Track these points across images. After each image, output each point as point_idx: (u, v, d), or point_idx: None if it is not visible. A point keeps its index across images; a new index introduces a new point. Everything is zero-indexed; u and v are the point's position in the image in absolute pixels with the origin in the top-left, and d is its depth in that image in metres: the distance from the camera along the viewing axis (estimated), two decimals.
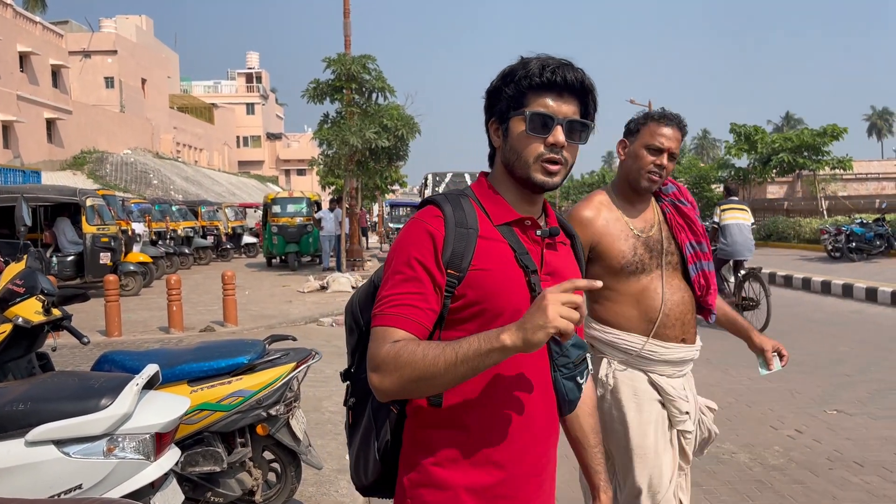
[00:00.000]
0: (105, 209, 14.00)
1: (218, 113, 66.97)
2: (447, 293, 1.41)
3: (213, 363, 3.52)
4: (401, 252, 1.44)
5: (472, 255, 1.42)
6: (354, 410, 1.60)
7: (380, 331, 1.38)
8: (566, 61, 1.46)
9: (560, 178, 1.48)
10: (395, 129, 15.81)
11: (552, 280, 1.47)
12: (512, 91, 1.47)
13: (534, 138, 1.45)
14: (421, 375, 1.30)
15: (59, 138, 37.95)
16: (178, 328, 9.49)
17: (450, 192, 1.54)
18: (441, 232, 1.42)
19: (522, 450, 1.44)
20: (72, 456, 2.56)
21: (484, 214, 1.49)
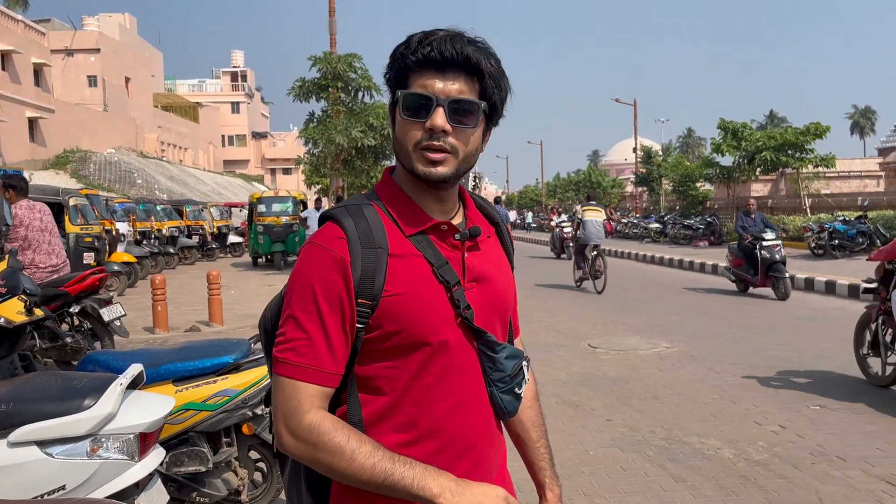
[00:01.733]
0: (88, 209, 13.87)
1: (203, 112, 66.57)
2: (360, 324, 1.25)
3: (197, 363, 3.51)
4: (302, 285, 1.26)
5: (385, 279, 1.25)
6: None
7: (288, 384, 1.24)
8: (454, 33, 1.26)
9: (448, 169, 1.26)
10: (381, 128, 15.79)
11: (478, 287, 1.33)
12: (394, 72, 1.29)
13: (412, 124, 1.26)
14: (336, 470, 1.21)
15: (42, 137, 37.59)
16: (163, 328, 9.43)
17: (351, 200, 1.35)
18: (345, 256, 1.24)
19: (463, 476, 1.29)
20: (55, 457, 2.54)
21: (393, 224, 1.30)
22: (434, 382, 1.29)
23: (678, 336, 8.66)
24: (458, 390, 1.31)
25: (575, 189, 53.09)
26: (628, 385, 6.39)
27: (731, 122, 25.38)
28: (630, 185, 47.44)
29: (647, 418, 5.40)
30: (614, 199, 48.12)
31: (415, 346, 1.27)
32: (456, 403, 1.31)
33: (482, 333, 1.32)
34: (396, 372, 1.29)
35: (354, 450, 1.20)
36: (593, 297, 12.51)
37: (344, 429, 1.23)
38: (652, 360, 7.45)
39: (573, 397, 5.92)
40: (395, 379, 1.29)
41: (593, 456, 4.63)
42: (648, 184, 38.10)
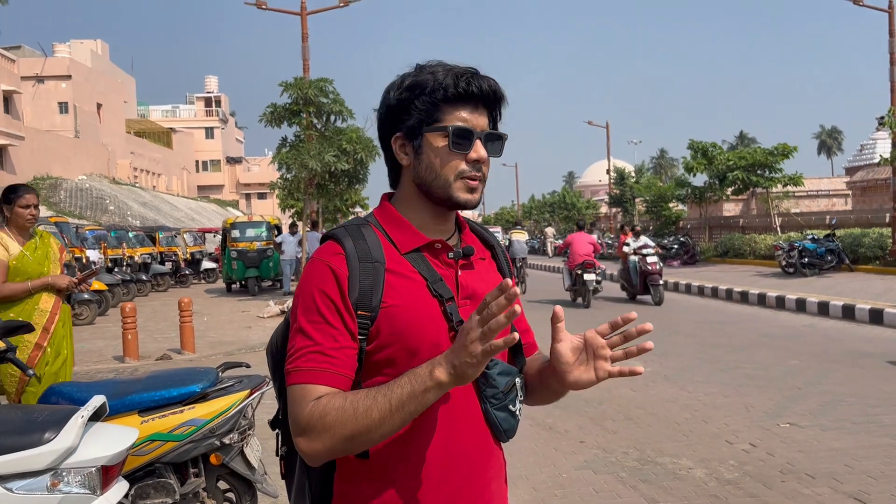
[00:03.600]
0: (59, 237, 13.71)
1: (176, 137, 66.21)
2: (361, 336, 1.31)
3: (164, 392, 3.46)
4: (305, 298, 1.32)
5: (382, 292, 1.31)
6: (287, 460, 1.48)
7: (297, 390, 1.27)
8: (474, 70, 1.37)
9: (480, 195, 1.39)
10: (354, 153, 15.81)
11: (472, 305, 1.37)
12: (424, 104, 1.35)
13: (455, 155, 1.35)
14: (354, 432, 1.22)
15: (12, 165, 37.12)
16: (134, 357, 9.29)
17: (350, 222, 1.43)
18: (344, 270, 1.31)
19: (457, 491, 1.34)
20: (14, 492, 2.49)
21: (389, 243, 1.37)
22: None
23: (651, 356, 8.72)
24: (451, 405, 1.33)
25: (550, 210, 53.48)
26: (601, 406, 6.41)
27: (700, 142, 25.81)
28: (604, 206, 47.89)
29: (621, 439, 5.42)
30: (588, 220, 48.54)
31: (408, 358, 1.31)
32: (449, 419, 1.33)
33: None
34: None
35: (353, 402, 1.22)
36: (568, 318, 12.54)
37: (339, 395, 1.26)
38: (625, 380, 7.49)
39: (547, 419, 5.93)
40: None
41: (567, 478, 4.63)
42: (622, 204, 38.48)
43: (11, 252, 4.22)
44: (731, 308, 13.43)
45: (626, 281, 15.73)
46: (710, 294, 16.05)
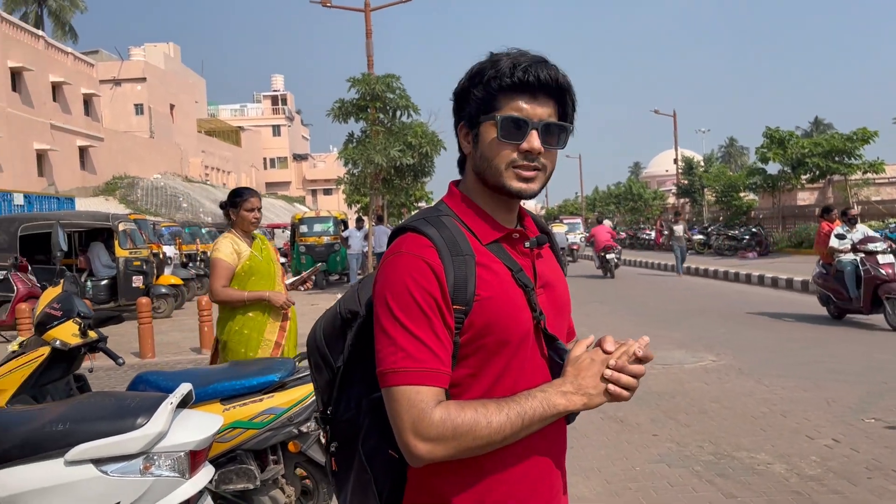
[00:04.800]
0: (137, 233, 14.28)
1: (245, 135, 67.93)
2: (455, 329, 1.29)
3: (244, 381, 3.57)
4: (400, 293, 1.27)
5: (474, 284, 1.29)
6: (338, 456, 1.45)
7: (408, 392, 1.24)
8: (540, 58, 1.34)
9: (538, 185, 1.36)
10: (419, 147, 15.92)
11: (546, 292, 1.40)
12: (481, 93, 1.34)
13: (506, 145, 1.33)
14: (483, 444, 1.25)
15: (92, 165, 38.78)
16: (209, 348, 9.58)
17: (425, 212, 1.39)
18: (438, 263, 1.28)
19: (537, 480, 1.35)
20: (110, 474, 2.61)
21: (470, 234, 1.35)
22: (512, 386, 1.32)
23: (724, 349, 8.51)
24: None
25: (615, 202, 52.61)
26: (674, 399, 6.29)
27: (776, 129, 24.94)
28: (672, 197, 46.83)
29: (695, 433, 5.31)
30: (656, 212, 47.54)
31: (497, 349, 1.32)
32: None
33: (553, 339, 1.37)
34: (476, 379, 1.33)
35: (486, 415, 1.24)
36: (636, 310, 12.37)
37: (465, 405, 1.27)
38: (698, 373, 7.33)
39: (618, 412, 5.85)
40: (473, 386, 1.33)
41: (640, 471, 4.57)
42: (690, 195, 37.59)
43: (243, 254, 4.26)
44: (806, 300, 12.95)
45: (832, 292, 10.35)
46: (785, 286, 15.52)
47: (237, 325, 4.21)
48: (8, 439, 2.63)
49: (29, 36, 33.30)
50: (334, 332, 1.44)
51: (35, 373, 3.59)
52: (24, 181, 29.17)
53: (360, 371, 1.38)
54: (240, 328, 4.19)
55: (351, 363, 1.40)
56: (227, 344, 4.21)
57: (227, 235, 4.32)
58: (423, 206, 40.37)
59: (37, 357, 3.59)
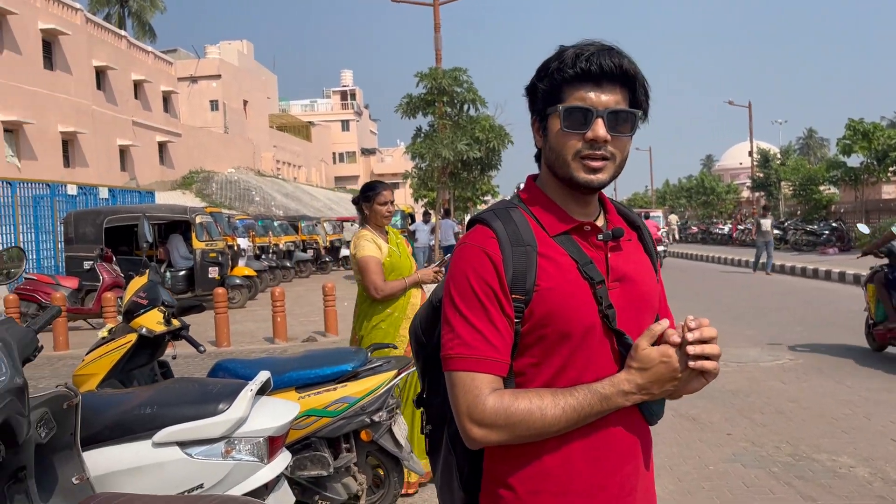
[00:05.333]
0: (213, 226, 14.75)
1: (315, 131, 69.20)
2: (516, 318, 1.32)
3: (319, 370, 3.66)
4: (461, 282, 1.33)
5: (535, 275, 1.31)
6: (432, 437, 1.52)
7: (464, 378, 1.29)
8: (606, 46, 1.33)
9: (607, 175, 1.34)
10: (486, 140, 15.91)
11: (622, 287, 1.37)
12: (546, 85, 1.35)
13: (571, 135, 1.32)
14: (537, 433, 1.28)
15: (170, 160, 40.21)
16: (282, 338, 9.86)
17: (498, 204, 1.43)
18: (498, 254, 1.31)
19: (609, 473, 1.35)
20: (194, 457, 2.73)
21: (538, 225, 1.37)
22: (577, 378, 1.32)
23: (802, 347, 8.21)
24: None
25: (687, 195, 51.35)
26: (749, 398, 6.12)
27: (860, 121, 23.83)
28: (746, 191, 45.39)
29: (771, 433, 5.15)
30: (729, 206, 46.18)
31: (559, 340, 1.32)
32: None
33: (621, 335, 1.34)
34: (539, 369, 1.34)
35: (541, 407, 1.27)
36: (709, 305, 12.06)
37: (520, 394, 1.30)
38: (774, 372, 7.10)
39: (690, 410, 5.73)
40: (537, 376, 1.34)
41: (713, 471, 4.46)
42: (766, 188, 36.36)
43: (383, 250, 4.16)
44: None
45: None
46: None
47: (375, 321, 4.19)
48: (100, 421, 2.77)
49: (113, 36, 34.73)
50: (429, 320, 1.50)
51: (123, 358, 3.76)
52: (108, 176, 30.50)
53: None
54: (377, 324, 4.18)
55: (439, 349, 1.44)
56: (363, 339, 4.22)
57: (364, 233, 4.17)
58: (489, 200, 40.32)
59: (124, 343, 3.76)
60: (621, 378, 1.29)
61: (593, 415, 1.29)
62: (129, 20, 44.56)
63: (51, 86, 28.08)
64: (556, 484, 1.33)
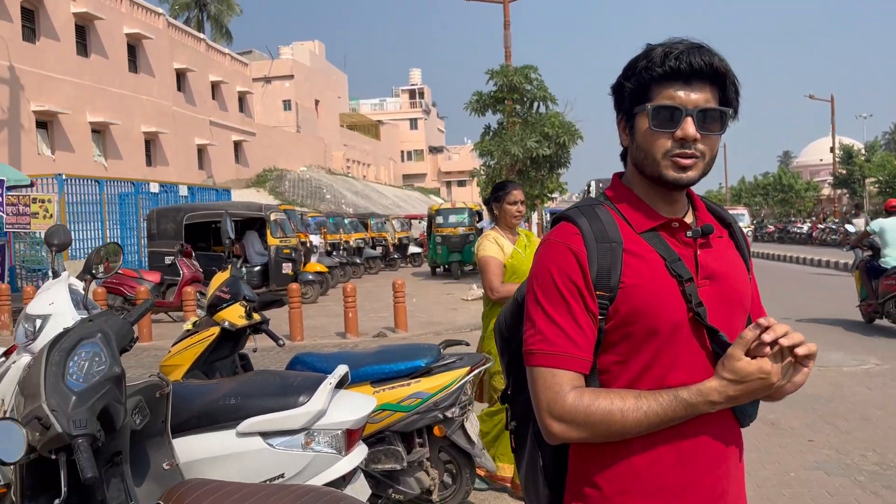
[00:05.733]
0: (286, 223, 15.12)
1: (384, 129, 70.01)
2: (600, 315, 1.32)
3: (393, 366, 3.72)
4: (544, 278, 1.34)
5: (620, 271, 1.31)
6: (517, 434, 1.53)
7: (545, 374, 1.31)
8: (696, 44, 1.31)
9: (697, 173, 1.33)
10: (556, 137, 15.76)
11: (712, 285, 1.35)
12: (634, 85, 1.35)
13: (660, 134, 1.32)
14: (616, 434, 1.28)
15: (245, 158, 41.38)
16: (354, 333, 10.04)
17: (583, 201, 1.43)
18: (582, 251, 1.32)
19: (699, 475, 1.32)
20: (275, 447, 2.81)
21: (624, 222, 1.36)
22: (664, 376, 1.31)
23: (889, 352, 7.84)
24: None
25: (763, 193, 49.70)
26: (832, 404, 5.89)
27: None
28: (827, 188, 43.58)
29: (856, 440, 4.95)
30: (808, 204, 44.45)
31: (645, 338, 1.31)
32: None
33: (715, 332, 1.32)
34: (624, 366, 1.33)
35: (622, 409, 1.26)
36: (788, 306, 11.64)
37: (602, 394, 1.29)
38: (859, 377, 6.81)
39: (769, 415, 5.56)
40: (622, 373, 1.33)
41: (794, 478, 4.33)
42: (849, 185, 34.84)
43: (506, 251, 4.08)
44: None
45: None
46: None
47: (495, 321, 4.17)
48: (187, 410, 2.89)
49: (192, 39, 35.98)
50: (514, 317, 1.51)
51: (206, 351, 3.91)
52: (187, 174, 31.63)
53: None
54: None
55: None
56: (485, 339, 4.21)
57: (489, 233, 4.11)
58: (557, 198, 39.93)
59: (208, 336, 3.91)
60: (711, 387, 1.25)
61: (676, 420, 1.27)
62: (208, 23, 46.07)
63: (135, 88, 29.33)
64: (644, 484, 1.32)
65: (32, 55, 23.76)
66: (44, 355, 2.13)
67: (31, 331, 2.71)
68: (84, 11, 25.92)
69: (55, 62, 24.74)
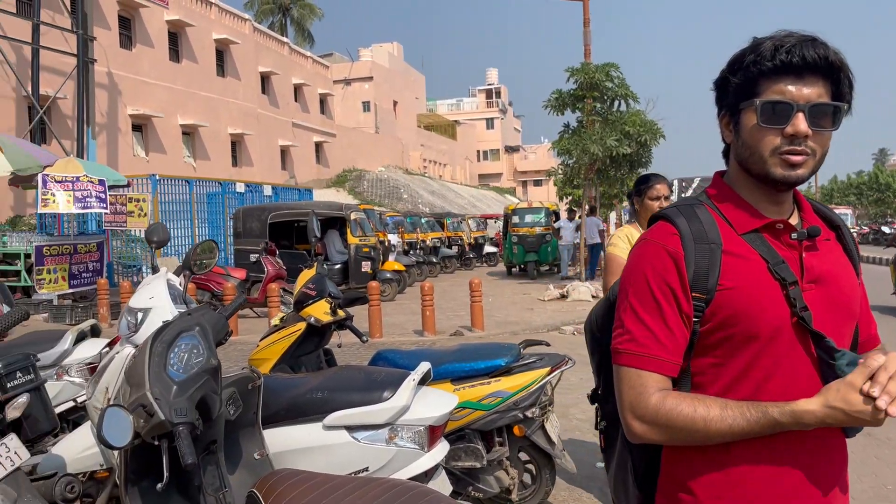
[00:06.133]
0: (366, 222, 15.40)
1: (460, 129, 70.27)
2: (695, 318, 1.29)
3: (473, 364, 3.74)
4: (637, 278, 1.33)
5: (718, 274, 1.27)
6: (607, 434, 1.53)
7: (631, 374, 1.30)
8: (808, 37, 1.25)
9: (807, 171, 1.28)
10: (637, 136, 15.45)
11: (818, 289, 1.30)
12: (740, 79, 1.29)
13: (768, 130, 1.26)
14: (698, 441, 1.25)
15: (325, 159, 42.33)
16: (431, 331, 10.12)
17: (682, 201, 1.39)
18: (680, 251, 1.29)
19: (797, 485, 1.28)
20: (360, 441, 2.88)
21: (725, 223, 1.33)
22: (763, 381, 1.28)
23: None
24: (789, 393, 1.24)
25: (857, 192, 47.32)
26: None
27: None
28: None
29: None
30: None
31: (744, 342, 1.28)
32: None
33: (821, 338, 1.27)
34: (721, 370, 1.30)
35: (705, 418, 1.22)
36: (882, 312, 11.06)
37: (686, 400, 1.26)
38: None
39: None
40: (719, 377, 1.31)
41: (892, 490, 4.12)
42: None
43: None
44: None
45: None
46: None
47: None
48: (276, 403, 2.99)
49: (276, 43, 37.07)
50: (605, 316, 1.51)
51: (293, 346, 4.04)
52: (270, 174, 32.63)
53: None
54: None
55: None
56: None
57: (626, 228, 3.88)
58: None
59: (295, 331, 4.03)
60: (808, 411, 1.17)
61: (767, 430, 1.21)
62: (291, 27, 47.35)
63: (222, 91, 30.46)
64: (741, 493, 1.28)
65: (129, 62, 25.02)
66: (147, 346, 2.25)
67: (133, 323, 2.85)
68: (176, 19, 27.11)
69: (150, 68, 25.97)
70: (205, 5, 29.74)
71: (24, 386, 2.80)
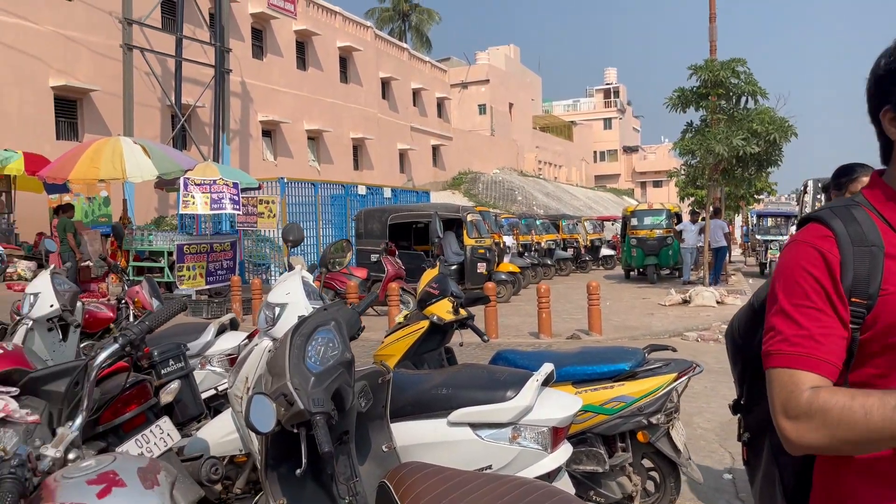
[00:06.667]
0: (481, 224, 15.51)
1: (576, 130, 69.36)
2: (854, 325, 1.21)
3: (595, 367, 3.69)
4: (788, 279, 1.25)
5: (881, 278, 1.19)
6: (750, 446, 1.46)
7: (782, 374, 1.21)
8: None
9: None
10: (766, 134, 14.68)
11: None
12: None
13: None
14: (860, 437, 1.12)
15: (442, 161, 42.98)
16: (547, 334, 10.06)
17: (835, 202, 1.31)
18: (835, 254, 1.22)
19: None
20: (483, 439, 2.91)
21: (886, 225, 1.24)
22: None
23: None
24: None
25: None
26: None
27: None
28: None
29: None
30: None
31: None
32: None
33: None
34: (884, 381, 1.23)
35: (864, 405, 1.12)
36: None
37: (838, 390, 1.17)
38: None
39: None
40: (884, 387, 1.22)
41: None
42: None
43: None
44: None
45: None
46: None
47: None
48: (402, 398, 3.07)
49: (396, 49, 38.04)
50: (748, 323, 1.47)
51: (416, 343, 4.14)
52: (389, 177, 33.55)
53: None
54: None
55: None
56: None
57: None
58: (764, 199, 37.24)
59: (418, 329, 4.13)
60: None
61: None
62: (409, 33, 48.42)
63: (345, 97, 31.61)
64: None
65: (260, 71, 26.45)
66: (288, 339, 2.38)
67: (271, 317, 3.02)
68: (304, 29, 28.41)
69: (279, 76, 27.35)
70: (329, 14, 30.98)
71: (176, 373, 3.03)
